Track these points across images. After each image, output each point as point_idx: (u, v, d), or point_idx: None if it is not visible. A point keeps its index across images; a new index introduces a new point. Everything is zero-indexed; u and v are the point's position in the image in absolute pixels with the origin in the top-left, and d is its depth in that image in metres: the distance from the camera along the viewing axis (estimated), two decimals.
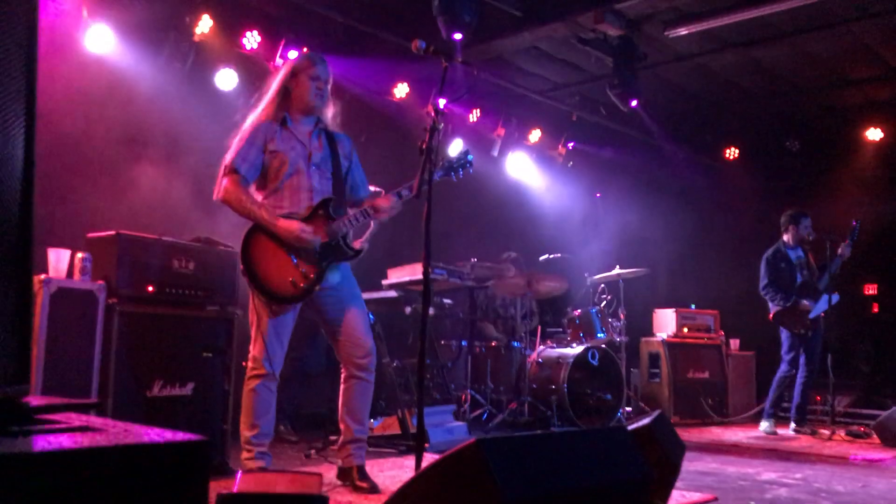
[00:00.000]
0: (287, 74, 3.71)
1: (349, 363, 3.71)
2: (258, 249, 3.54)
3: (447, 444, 4.98)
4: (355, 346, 3.70)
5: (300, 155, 3.66)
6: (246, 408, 3.58)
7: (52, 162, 5.03)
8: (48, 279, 3.58)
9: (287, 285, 3.53)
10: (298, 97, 3.69)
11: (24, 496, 0.85)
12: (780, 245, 7.10)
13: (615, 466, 2.41)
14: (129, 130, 5.66)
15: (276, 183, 3.62)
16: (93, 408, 2.99)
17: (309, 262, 3.57)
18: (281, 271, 3.53)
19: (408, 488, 2.13)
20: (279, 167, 3.61)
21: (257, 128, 3.64)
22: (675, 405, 7.70)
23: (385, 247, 6.41)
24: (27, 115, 1.30)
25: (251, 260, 3.53)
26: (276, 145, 3.62)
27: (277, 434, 5.32)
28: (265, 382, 3.56)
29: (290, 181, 3.62)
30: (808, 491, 4.05)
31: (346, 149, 3.87)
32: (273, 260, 3.53)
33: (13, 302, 1.20)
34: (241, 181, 3.57)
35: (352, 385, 3.70)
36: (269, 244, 3.53)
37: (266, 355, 3.52)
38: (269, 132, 3.64)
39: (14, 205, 1.28)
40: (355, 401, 3.71)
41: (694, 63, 7.74)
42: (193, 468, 1.03)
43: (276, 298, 3.53)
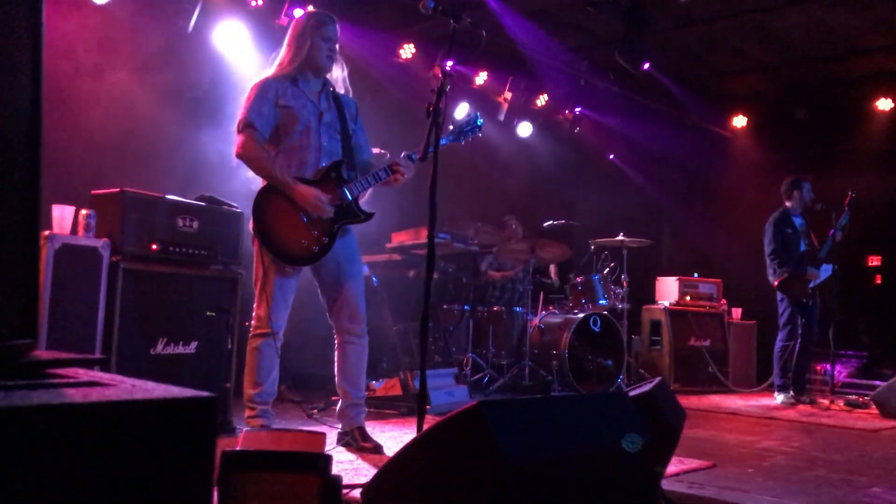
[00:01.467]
0: (299, 33, 3.67)
1: (342, 329, 3.72)
2: (272, 210, 3.52)
3: (448, 407, 5.02)
4: (350, 315, 3.71)
5: (311, 113, 3.64)
6: (249, 366, 3.61)
7: (56, 118, 5.01)
8: (52, 235, 3.58)
9: (300, 247, 3.53)
10: (311, 58, 3.66)
11: (32, 449, 0.86)
12: (786, 210, 7.07)
13: (616, 432, 2.43)
14: (133, 86, 5.62)
15: (287, 140, 3.61)
16: (99, 363, 3.02)
17: (322, 224, 3.57)
18: (295, 233, 3.52)
19: (409, 449, 2.15)
20: (290, 123, 3.59)
21: (268, 82, 3.62)
22: (675, 373, 7.74)
23: (389, 210, 6.41)
24: (33, 70, 1.29)
25: (264, 220, 3.51)
26: (288, 100, 3.60)
27: (280, 394, 5.37)
28: (269, 342, 3.57)
29: (301, 139, 3.61)
30: (806, 459, 4.09)
31: (352, 111, 3.86)
32: (286, 221, 3.52)
33: (20, 257, 1.19)
34: (257, 136, 3.54)
35: (346, 350, 3.73)
36: (283, 205, 3.51)
37: (271, 315, 3.53)
38: (279, 88, 3.61)
39: (21, 160, 1.27)
40: (351, 365, 3.73)
41: (705, 29, 7.64)
42: (201, 425, 1.04)
43: (288, 259, 3.53)
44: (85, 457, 0.91)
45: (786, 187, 7.14)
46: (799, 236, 7.00)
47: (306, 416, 4.73)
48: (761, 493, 3.23)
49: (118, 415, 0.94)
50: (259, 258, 3.57)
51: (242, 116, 3.54)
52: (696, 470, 3.63)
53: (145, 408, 0.97)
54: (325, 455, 1.93)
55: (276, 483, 1.81)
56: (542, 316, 6.89)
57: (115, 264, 3.77)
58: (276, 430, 1.99)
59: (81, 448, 0.91)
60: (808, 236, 7.07)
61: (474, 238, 6.34)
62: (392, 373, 5.71)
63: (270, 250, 3.50)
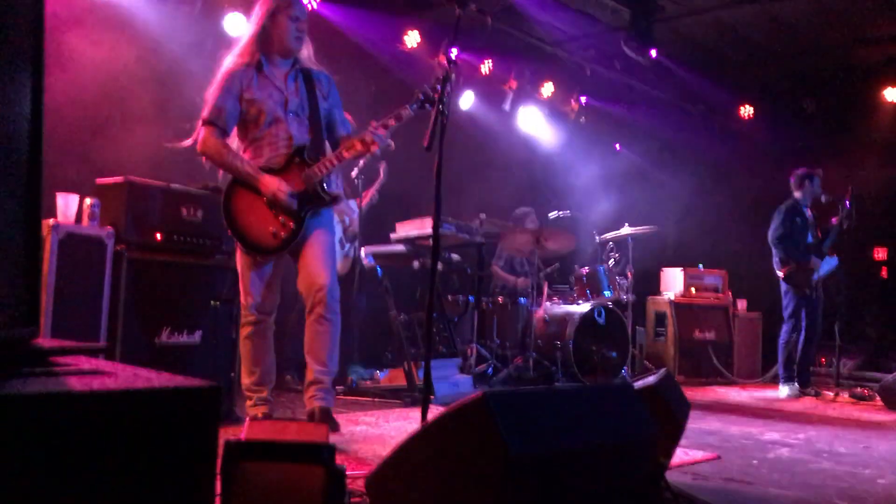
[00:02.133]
0: (265, 15, 3.56)
1: (306, 296, 3.60)
2: (238, 202, 3.54)
3: (452, 398, 5.01)
4: (311, 277, 3.58)
5: (277, 102, 3.58)
6: (243, 356, 3.65)
7: (60, 107, 4.99)
8: (57, 224, 3.57)
9: (268, 236, 3.54)
10: (278, 39, 3.57)
11: (35, 437, 0.85)
12: (797, 200, 7.03)
13: (621, 424, 2.42)
14: (138, 75, 5.60)
15: (256, 132, 3.58)
16: (102, 352, 3.01)
17: (288, 212, 3.55)
18: (261, 223, 3.53)
19: (413, 440, 2.14)
20: (257, 116, 3.55)
21: (232, 75, 3.55)
22: (680, 365, 7.73)
23: (394, 200, 6.40)
24: (35, 58, 1.28)
25: (232, 213, 3.54)
26: (253, 93, 3.54)
27: (284, 383, 5.38)
28: (257, 329, 3.60)
29: (270, 130, 3.57)
30: (811, 451, 4.08)
31: (324, 88, 3.75)
32: (253, 212, 3.53)
33: (22, 245, 1.19)
34: (218, 133, 3.53)
35: (311, 323, 3.59)
36: (249, 196, 3.53)
37: (253, 303, 3.58)
38: (244, 79, 3.55)
39: (23, 148, 1.26)
40: (315, 341, 3.59)
41: (712, 17, 7.58)
42: (203, 414, 1.03)
43: (257, 250, 3.55)
44: (86, 445, 0.91)
45: (797, 179, 7.08)
46: (807, 227, 6.97)
47: None
48: (766, 485, 3.22)
49: (120, 403, 0.93)
50: (237, 249, 3.63)
51: (205, 114, 3.53)
52: (700, 462, 3.62)
53: (147, 396, 0.97)
54: (329, 445, 1.92)
55: (280, 473, 1.81)
56: (547, 307, 6.88)
57: (120, 253, 3.77)
58: (279, 420, 1.99)
59: (83, 436, 0.90)
60: (815, 229, 7.05)
61: (479, 229, 6.32)
62: (397, 363, 5.72)
63: (240, 241, 3.56)
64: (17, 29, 1.29)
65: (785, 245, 6.83)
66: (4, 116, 1.23)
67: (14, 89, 1.26)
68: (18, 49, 1.28)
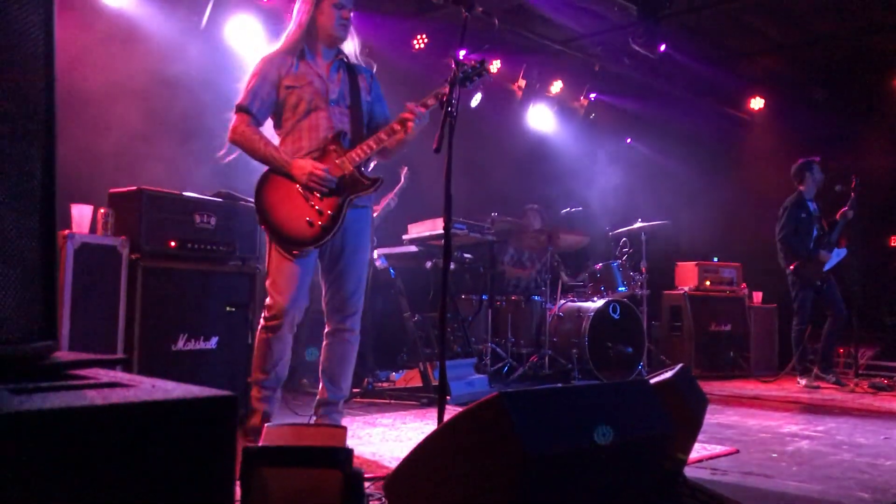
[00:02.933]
0: (310, 3, 3.43)
1: (331, 320, 3.51)
2: (272, 193, 3.32)
3: (468, 397, 5.02)
4: (339, 306, 3.48)
5: (318, 91, 3.42)
6: (260, 356, 3.38)
7: (73, 118, 5.04)
8: (72, 234, 3.60)
9: (303, 226, 3.30)
10: (322, 28, 3.44)
11: (55, 452, 0.86)
12: (801, 194, 7.05)
13: (638, 420, 2.42)
14: (149, 86, 5.64)
15: (294, 121, 3.41)
16: (120, 363, 3.04)
17: (327, 200, 3.33)
18: (298, 213, 3.30)
19: (430, 441, 2.15)
20: (296, 104, 3.39)
21: (270, 61, 3.40)
22: (696, 358, 7.70)
23: (406, 202, 6.41)
24: (47, 71, 1.29)
25: (265, 205, 3.31)
26: (293, 81, 3.39)
27: (301, 387, 5.40)
28: (280, 332, 3.33)
29: (309, 119, 3.40)
30: (831, 443, 4.06)
31: (367, 82, 3.61)
32: (289, 202, 3.31)
33: (39, 258, 1.20)
34: (251, 121, 3.35)
35: (333, 343, 3.51)
36: (283, 186, 3.31)
37: (283, 304, 3.30)
38: (283, 66, 3.39)
39: (38, 160, 1.27)
40: (334, 362, 3.50)
41: (719, 10, 7.55)
42: (222, 423, 1.04)
43: (293, 243, 3.30)
44: (107, 458, 0.92)
45: (796, 171, 7.15)
46: (812, 221, 7.02)
47: None
48: (786, 478, 3.21)
49: (139, 416, 0.94)
50: (271, 247, 3.37)
51: (239, 100, 3.37)
52: (718, 456, 3.61)
53: (165, 408, 0.98)
54: (347, 449, 1.93)
55: (298, 478, 1.82)
56: (561, 304, 6.87)
57: (135, 262, 3.80)
58: (297, 425, 1.99)
59: (103, 450, 0.91)
60: (820, 221, 7.08)
61: (491, 228, 6.32)
62: (412, 364, 5.73)
63: (273, 237, 3.32)
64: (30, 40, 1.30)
65: (791, 242, 6.88)
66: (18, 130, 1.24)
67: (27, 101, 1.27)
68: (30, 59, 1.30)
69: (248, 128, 3.33)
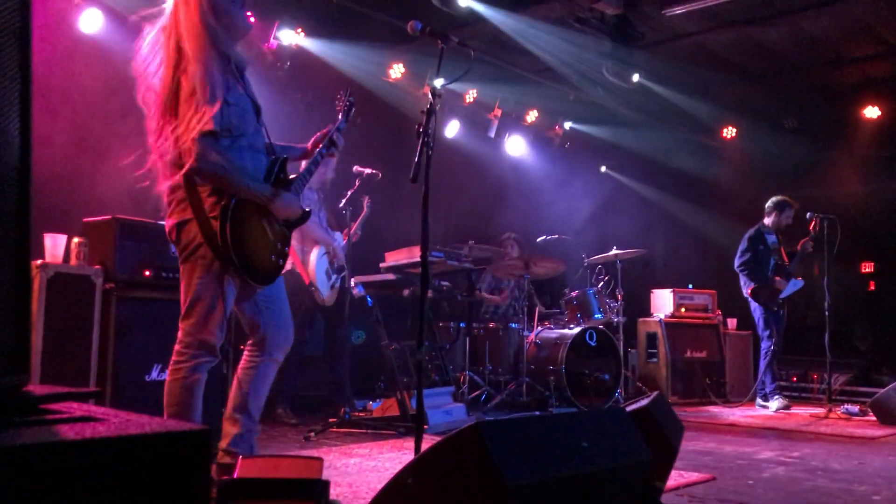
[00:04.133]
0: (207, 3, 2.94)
1: (272, 339, 3.18)
2: (246, 224, 2.95)
3: (446, 426, 5.00)
4: (286, 322, 3.25)
5: (250, 106, 3.06)
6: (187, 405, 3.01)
7: (48, 146, 5.00)
8: (45, 264, 3.57)
9: (270, 263, 3.07)
10: (231, 28, 3.02)
11: (28, 488, 0.85)
12: (760, 227, 7.42)
13: (615, 448, 2.42)
14: (124, 114, 5.62)
15: (240, 142, 2.97)
16: (93, 396, 2.98)
17: (280, 233, 3.13)
18: (264, 248, 3.04)
19: (407, 471, 2.13)
20: (239, 124, 2.97)
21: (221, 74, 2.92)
22: (672, 385, 7.73)
23: (382, 230, 6.42)
24: (22, 100, 1.29)
25: (240, 237, 2.89)
26: (233, 96, 2.95)
27: (277, 417, 5.35)
28: (205, 374, 3.06)
29: (251, 140, 3.03)
30: (806, 469, 4.08)
31: None
32: (256, 235, 3.00)
33: (11, 289, 1.19)
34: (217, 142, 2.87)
35: (265, 363, 3.20)
36: (252, 217, 2.98)
37: (218, 341, 3.01)
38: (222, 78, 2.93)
39: (11, 190, 1.27)
40: (266, 387, 3.23)
41: (692, 42, 7.70)
42: (195, 456, 1.03)
43: (260, 280, 3.02)
44: (81, 494, 0.91)
45: (770, 206, 7.48)
46: (770, 254, 7.35)
47: (304, 439, 4.70)
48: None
49: (113, 450, 0.93)
50: (208, 275, 2.92)
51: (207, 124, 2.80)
52: (696, 483, 3.62)
53: (139, 442, 0.97)
54: (324, 481, 1.91)
55: None
56: (538, 331, 6.88)
57: (109, 292, 3.77)
58: (272, 457, 1.96)
59: (77, 485, 0.90)
60: (778, 253, 7.39)
61: (468, 255, 6.34)
62: (389, 393, 5.69)
63: (249, 275, 2.94)
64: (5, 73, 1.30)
65: (748, 271, 7.26)
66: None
67: (2, 133, 1.27)
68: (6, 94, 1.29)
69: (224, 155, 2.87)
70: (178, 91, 2.89)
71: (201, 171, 2.86)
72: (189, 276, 2.96)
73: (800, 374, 8.43)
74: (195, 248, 2.93)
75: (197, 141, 2.80)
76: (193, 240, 2.93)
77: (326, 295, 5.59)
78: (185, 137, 2.84)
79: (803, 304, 9.50)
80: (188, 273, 2.97)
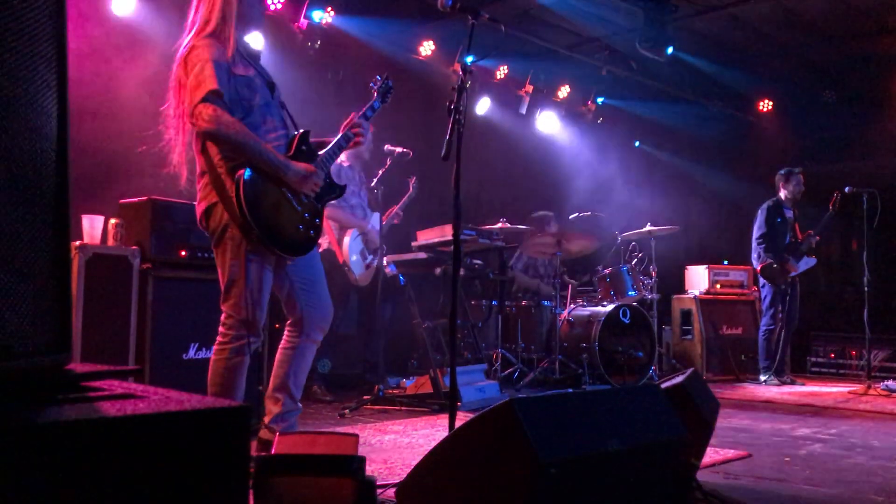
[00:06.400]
0: None
1: (313, 326, 3.24)
2: (266, 197, 2.94)
3: (479, 403, 5.01)
4: (323, 301, 3.27)
5: (263, 84, 3.12)
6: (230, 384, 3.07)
7: (83, 129, 5.06)
8: (83, 245, 3.63)
9: (299, 235, 3.05)
10: (248, 16, 3.10)
11: (72, 464, 0.87)
12: (778, 199, 7.35)
13: (650, 425, 2.41)
14: (158, 96, 5.66)
15: (248, 118, 2.99)
16: (132, 374, 3.04)
17: (310, 205, 3.11)
18: (290, 220, 3.02)
19: (442, 448, 2.15)
20: (249, 97, 3.01)
21: (220, 49, 2.96)
22: (707, 362, 7.68)
23: (415, 208, 6.42)
24: (59, 83, 1.30)
25: (262, 210, 2.89)
26: (241, 70, 3.01)
27: (312, 394, 5.41)
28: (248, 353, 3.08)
29: (262, 115, 3.05)
30: (843, 446, 4.03)
31: None
32: (280, 207, 2.98)
33: (52, 271, 1.21)
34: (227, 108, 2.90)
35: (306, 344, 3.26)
36: (272, 189, 2.96)
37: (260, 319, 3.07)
38: (226, 54, 2.99)
39: (50, 172, 1.28)
40: (305, 367, 3.28)
41: (726, 13, 7.55)
42: (235, 433, 1.04)
43: (291, 252, 3.03)
44: (122, 469, 0.92)
45: (779, 177, 7.43)
46: (787, 228, 7.27)
47: (338, 416, 4.75)
48: (799, 482, 3.19)
49: (154, 427, 0.95)
50: (237, 254, 2.96)
51: (206, 84, 2.84)
52: (731, 460, 3.59)
53: (179, 419, 0.98)
54: (359, 457, 1.93)
55: (311, 487, 1.82)
56: (571, 309, 6.86)
57: (146, 272, 3.82)
58: (309, 433, 1.97)
59: (118, 461, 0.92)
60: (794, 229, 7.30)
61: (500, 234, 6.32)
62: (422, 371, 5.72)
63: (271, 243, 2.92)
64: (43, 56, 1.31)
65: (764, 244, 7.18)
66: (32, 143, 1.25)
67: (40, 116, 1.28)
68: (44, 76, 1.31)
69: (231, 116, 2.89)
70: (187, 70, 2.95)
71: (210, 133, 2.88)
72: (222, 258, 3.02)
73: (837, 351, 8.31)
74: (223, 229, 2.98)
75: (203, 101, 2.84)
76: (221, 221, 2.98)
77: (360, 275, 5.62)
78: (191, 99, 2.89)
79: (840, 280, 9.36)
80: (221, 256, 3.02)
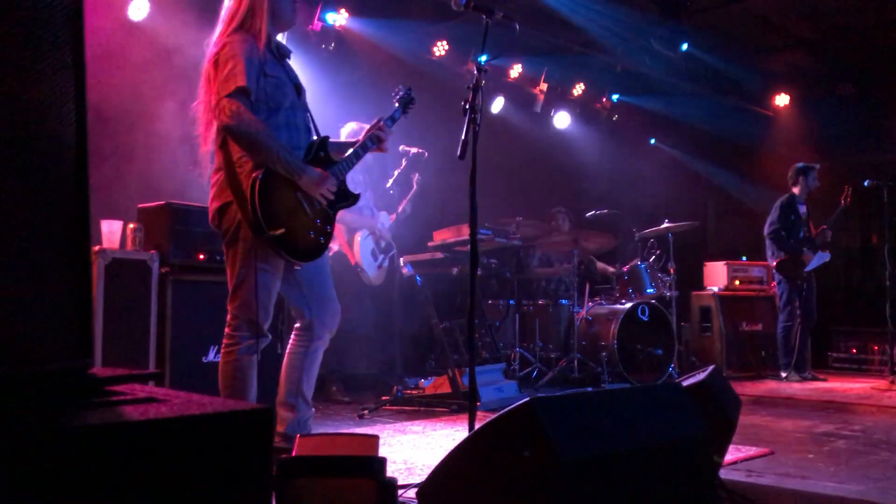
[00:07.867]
0: None
1: (322, 328, 3.24)
2: (279, 198, 2.91)
3: (498, 403, 5.00)
4: (334, 312, 3.29)
5: (289, 85, 3.10)
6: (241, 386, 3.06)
7: (101, 134, 5.10)
8: (102, 250, 3.65)
9: (309, 240, 3.04)
10: (278, 12, 3.07)
11: (96, 468, 0.87)
12: (792, 195, 7.32)
13: (671, 423, 2.39)
14: (176, 101, 5.70)
15: (273, 118, 2.99)
16: (153, 378, 3.06)
17: (322, 212, 3.10)
18: (302, 224, 3.00)
19: (462, 448, 2.14)
20: (277, 97, 3.01)
21: (252, 45, 2.93)
22: (727, 359, 7.63)
23: (430, 209, 6.42)
24: (77, 89, 1.31)
25: (275, 211, 2.88)
26: (272, 69, 3.00)
27: (331, 395, 5.42)
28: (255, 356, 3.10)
29: (287, 116, 3.05)
30: (868, 442, 3.99)
31: None
32: (292, 211, 2.97)
33: (73, 274, 1.21)
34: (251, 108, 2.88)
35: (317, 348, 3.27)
36: (285, 191, 2.95)
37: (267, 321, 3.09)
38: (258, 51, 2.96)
39: (69, 178, 1.29)
40: (317, 369, 3.31)
41: (741, 8, 7.49)
42: (257, 435, 1.05)
43: (299, 257, 3.01)
44: (146, 473, 0.92)
45: (792, 174, 7.41)
46: (800, 224, 7.25)
47: (357, 417, 4.75)
48: (823, 479, 3.16)
49: (176, 430, 0.95)
50: (247, 254, 2.95)
51: (235, 80, 2.82)
52: (754, 457, 3.56)
53: (201, 422, 0.98)
54: (380, 458, 1.93)
55: (333, 488, 1.82)
56: (589, 307, 6.83)
57: (165, 276, 3.84)
58: (329, 435, 1.97)
59: (142, 464, 0.92)
60: (807, 225, 7.29)
61: (516, 232, 6.31)
62: (440, 371, 5.72)
63: (286, 250, 2.92)
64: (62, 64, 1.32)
65: (778, 240, 7.16)
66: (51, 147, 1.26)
67: (59, 121, 1.29)
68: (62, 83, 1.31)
69: (256, 117, 2.88)
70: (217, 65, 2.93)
71: (231, 129, 2.86)
72: (233, 258, 3.02)
73: (859, 346, 8.23)
74: (236, 229, 2.97)
75: (229, 96, 2.82)
76: (234, 221, 2.97)
77: (373, 275, 5.62)
78: (219, 92, 2.87)
79: (861, 274, 9.26)
80: (231, 256, 3.03)
